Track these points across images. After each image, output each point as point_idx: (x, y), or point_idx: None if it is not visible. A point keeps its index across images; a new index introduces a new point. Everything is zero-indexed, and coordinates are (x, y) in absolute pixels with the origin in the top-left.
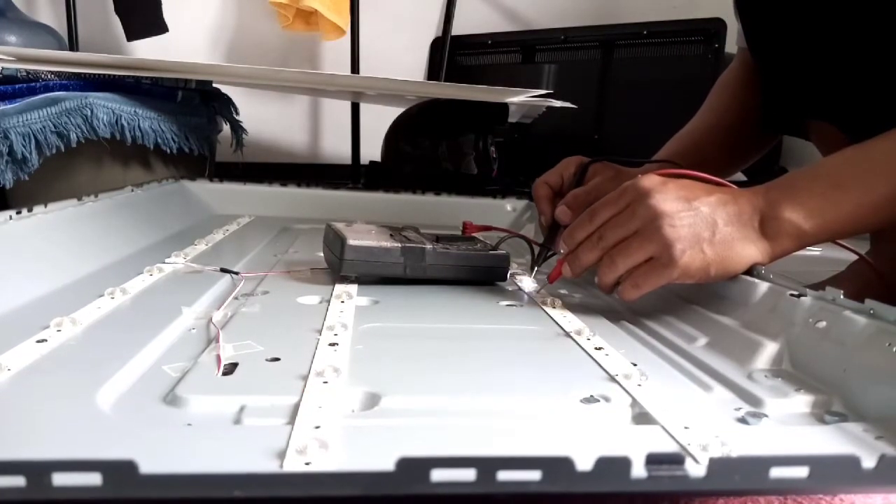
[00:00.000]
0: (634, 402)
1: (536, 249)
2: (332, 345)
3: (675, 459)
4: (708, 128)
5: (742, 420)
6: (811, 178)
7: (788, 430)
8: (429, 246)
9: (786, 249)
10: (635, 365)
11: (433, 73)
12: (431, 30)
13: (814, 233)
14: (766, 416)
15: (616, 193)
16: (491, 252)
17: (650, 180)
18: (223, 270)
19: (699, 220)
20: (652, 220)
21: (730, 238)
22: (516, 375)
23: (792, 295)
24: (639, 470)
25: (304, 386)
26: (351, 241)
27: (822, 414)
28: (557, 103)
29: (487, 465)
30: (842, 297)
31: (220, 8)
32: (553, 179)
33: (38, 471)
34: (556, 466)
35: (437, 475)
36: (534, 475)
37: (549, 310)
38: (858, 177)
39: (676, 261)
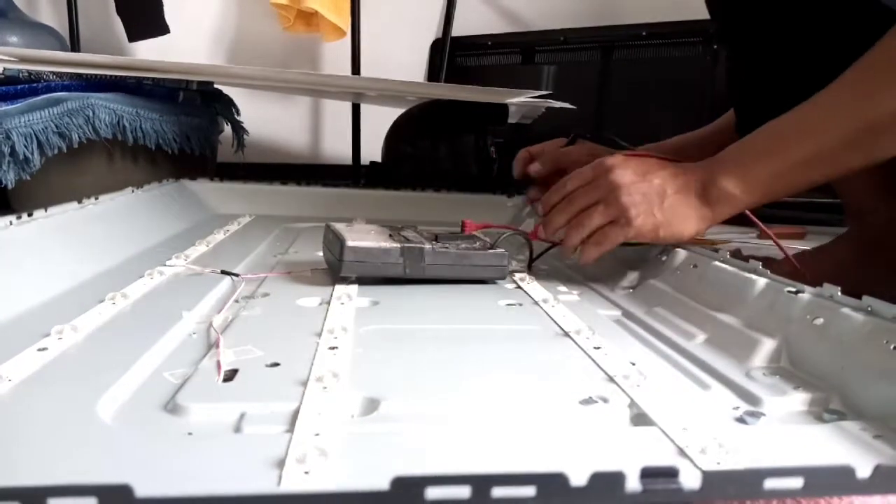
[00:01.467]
0: (633, 403)
1: (534, 245)
2: (331, 348)
3: (670, 472)
4: (713, 131)
5: (740, 420)
6: (740, 150)
7: (786, 429)
8: (428, 246)
9: (724, 213)
10: (634, 364)
11: (433, 74)
12: (431, 31)
13: (743, 198)
14: (764, 414)
15: (587, 168)
16: (490, 251)
17: (614, 159)
18: (223, 272)
19: (651, 191)
20: (612, 190)
21: (676, 205)
22: (516, 378)
23: (790, 291)
24: (633, 484)
25: (304, 392)
26: (350, 243)
27: (821, 412)
28: (557, 104)
29: (482, 482)
30: (839, 293)
31: (222, 9)
32: (535, 148)
33: (33, 496)
34: (551, 482)
35: (432, 493)
36: (528, 491)
37: (548, 309)
38: (774, 146)
39: (632, 222)
